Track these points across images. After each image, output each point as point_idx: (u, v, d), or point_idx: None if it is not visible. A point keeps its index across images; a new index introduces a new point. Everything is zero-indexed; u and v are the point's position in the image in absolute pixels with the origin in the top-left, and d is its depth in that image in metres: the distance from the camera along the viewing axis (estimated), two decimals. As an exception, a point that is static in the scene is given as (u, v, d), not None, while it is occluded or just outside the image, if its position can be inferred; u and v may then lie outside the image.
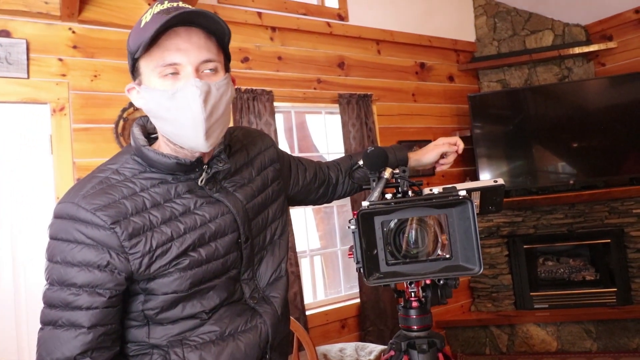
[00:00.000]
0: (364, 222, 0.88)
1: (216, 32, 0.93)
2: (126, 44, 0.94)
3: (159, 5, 0.91)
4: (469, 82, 4.45)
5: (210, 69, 0.92)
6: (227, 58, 0.99)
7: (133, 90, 0.98)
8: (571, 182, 3.91)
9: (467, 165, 4.23)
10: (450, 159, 1.39)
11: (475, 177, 4.03)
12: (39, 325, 0.92)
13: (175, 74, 0.90)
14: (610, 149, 3.85)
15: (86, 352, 0.87)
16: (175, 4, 0.91)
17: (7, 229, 2.42)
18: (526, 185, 4.04)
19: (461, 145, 1.37)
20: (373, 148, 1.06)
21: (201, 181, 0.98)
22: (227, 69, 0.99)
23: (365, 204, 0.89)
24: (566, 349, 3.78)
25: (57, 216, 0.91)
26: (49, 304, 0.90)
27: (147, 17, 0.90)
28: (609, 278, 3.91)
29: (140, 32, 0.89)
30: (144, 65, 0.92)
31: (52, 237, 0.91)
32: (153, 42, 0.88)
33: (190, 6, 0.91)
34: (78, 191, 0.91)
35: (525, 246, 4.06)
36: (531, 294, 4.00)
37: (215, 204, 0.99)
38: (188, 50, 0.89)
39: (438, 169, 1.42)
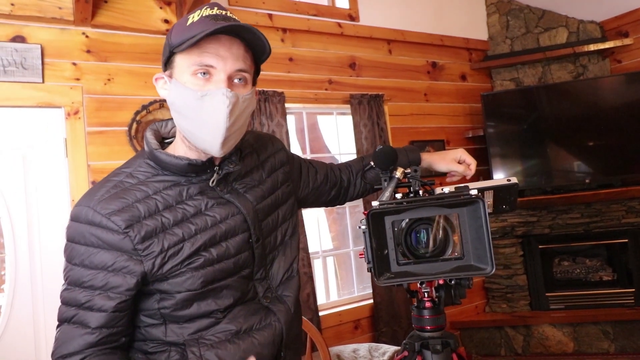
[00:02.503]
0: (375, 221, 0.87)
1: (256, 47, 0.98)
2: (166, 37, 0.99)
3: (208, 9, 0.96)
4: (482, 81, 4.42)
5: (240, 80, 0.96)
6: (257, 73, 1.04)
7: (161, 79, 1.01)
8: (587, 181, 3.85)
9: (480, 165, 4.19)
10: (455, 178, 1.37)
11: (489, 177, 3.99)
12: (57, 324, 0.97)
13: (208, 76, 0.93)
14: (627, 147, 3.79)
15: (88, 349, 0.91)
16: (223, 12, 0.95)
17: (23, 232, 2.45)
18: (541, 185, 3.99)
19: (472, 172, 1.34)
20: (382, 147, 1.06)
21: (212, 182, 1.01)
22: (254, 83, 1.03)
23: (375, 203, 0.88)
24: (583, 350, 3.73)
25: (74, 219, 0.95)
26: (65, 302, 0.95)
27: (195, 18, 0.94)
28: (626, 278, 3.84)
29: (185, 30, 0.93)
30: (180, 60, 0.95)
31: (70, 240, 0.95)
32: (197, 42, 0.92)
33: (236, 18, 0.96)
34: (93, 195, 0.95)
35: (540, 246, 4.01)
36: (547, 294, 3.95)
37: (226, 205, 1.02)
38: (226, 58, 0.93)
39: (447, 179, 1.41)
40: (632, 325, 3.63)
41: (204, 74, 0.93)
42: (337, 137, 3.71)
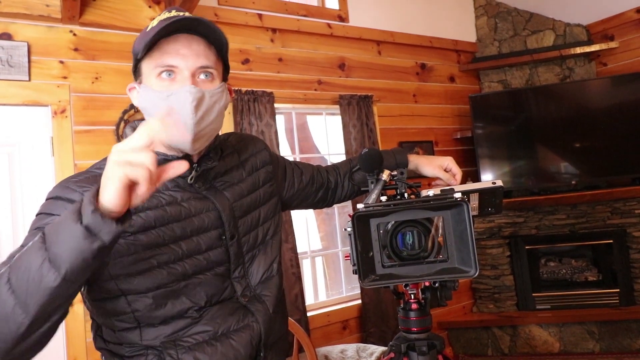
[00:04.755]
0: (360, 224, 0.88)
1: (215, 41, 0.98)
2: (132, 47, 1.01)
3: (167, 13, 0.98)
4: (470, 82, 4.45)
5: (207, 76, 0.97)
6: (225, 68, 1.05)
7: (134, 89, 1.03)
8: (573, 182, 3.90)
9: (468, 166, 4.23)
10: (440, 184, 1.36)
11: (477, 178, 4.02)
12: None
13: (173, 76, 0.95)
14: (613, 149, 3.84)
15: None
16: (181, 14, 0.96)
17: (8, 230, 2.42)
18: (528, 186, 4.03)
19: (456, 182, 1.33)
20: (367, 150, 1.07)
21: (191, 179, 1.02)
22: (224, 79, 1.04)
23: (360, 206, 0.89)
24: (569, 350, 3.77)
25: (47, 198, 0.95)
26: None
27: (154, 23, 0.95)
28: (611, 279, 3.90)
29: (145, 36, 0.94)
30: (145, 66, 0.97)
31: (37, 214, 0.93)
32: (156, 45, 0.94)
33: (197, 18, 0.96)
34: (71, 178, 0.97)
35: (527, 247, 4.05)
36: (533, 294, 3.99)
37: (202, 200, 1.02)
38: (187, 55, 0.94)
39: (432, 184, 1.41)
40: (616, 325, 3.68)
41: (169, 74, 0.94)
42: (327, 138, 3.72)
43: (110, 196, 0.70)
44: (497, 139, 4.11)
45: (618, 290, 3.81)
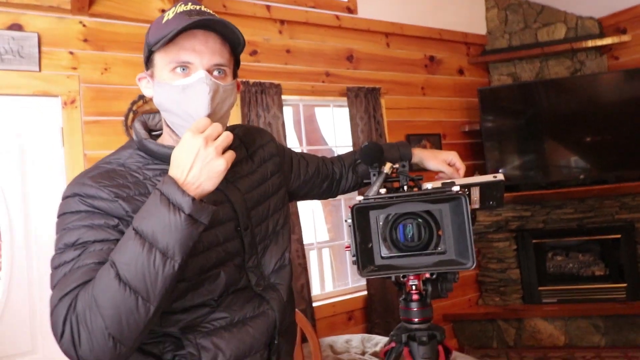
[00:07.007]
0: (359, 216, 0.89)
1: (231, 40, 0.99)
2: (145, 36, 1.00)
3: (182, 5, 0.97)
4: (479, 75, 4.42)
5: (220, 72, 0.98)
6: (237, 65, 1.05)
7: (144, 79, 1.03)
8: (582, 176, 3.88)
9: (476, 160, 4.22)
10: (444, 178, 1.36)
11: (485, 172, 4.02)
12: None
13: (187, 71, 0.95)
14: (623, 144, 3.81)
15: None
16: (197, 7, 0.97)
17: (20, 220, 2.47)
18: (536, 180, 4.02)
19: (460, 177, 1.33)
20: (367, 143, 1.08)
21: None
22: (235, 76, 1.04)
23: (359, 198, 0.90)
24: (574, 343, 3.77)
25: (64, 197, 0.95)
26: (57, 266, 0.89)
27: (170, 15, 0.96)
28: (618, 273, 3.89)
29: (161, 28, 0.95)
30: (159, 58, 0.97)
31: (60, 215, 0.94)
32: (171, 39, 0.94)
33: (211, 12, 0.97)
34: (85, 174, 0.96)
35: (534, 240, 4.05)
36: (539, 288, 3.99)
37: (215, 192, 1.02)
38: (203, 52, 0.95)
39: (435, 178, 1.42)
40: (623, 319, 3.67)
41: (183, 69, 0.95)
42: (334, 130, 3.73)
43: (217, 182, 0.84)
44: (506, 132, 4.09)
45: (625, 285, 3.80)
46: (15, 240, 2.45)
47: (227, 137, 0.85)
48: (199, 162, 0.82)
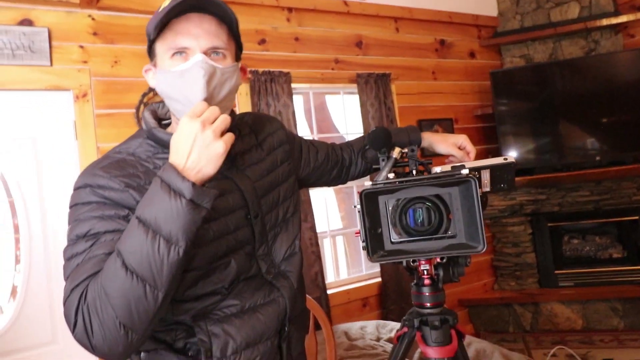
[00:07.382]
0: (368, 201, 0.89)
1: (225, 18, 0.97)
2: (146, 29, 1.00)
3: None
4: (491, 58, 4.36)
5: (218, 54, 0.97)
6: (238, 47, 1.04)
7: (150, 71, 1.05)
8: (597, 158, 3.81)
9: (489, 144, 4.17)
10: (454, 161, 1.34)
11: (498, 155, 3.97)
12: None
13: (185, 56, 0.95)
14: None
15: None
16: None
17: (36, 213, 2.51)
18: (551, 163, 3.96)
19: (470, 160, 1.31)
20: (375, 128, 1.07)
21: None
22: (237, 58, 1.03)
23: (367, 183, 0.90)
24: (592, 326, 3.74)
25: (76, 187, 0.96)
26: (69, 257, 0.91)
27: (166, 3, 0.95)
28: (636, 256, 3.83)
29: (157, 16, 0.95)
30: (159, 47, 0.98)
31: (72, 205, 0.95)
32: (167, 26, 0.94)
33: None
34: (95, 165, 0.97)
35: (549, 224, 4.00)
36: (556, 272, 3.95)
37: (224, 181, 1.03)
38: (199, 35, 0.94)
39: (446, 161, 1.40)
40: (641, 302, 3.63)
41: (181, 54, 0.95)
42: (345, 117, 3.71)
43: (217, 165, 0.84)
44: (520, 115, 4.03)
45: (643, 267, 3.75)
46: (33, 233, 2.50)
47: (224, 119, 0.85)
48: (197, 146, 0.82)
